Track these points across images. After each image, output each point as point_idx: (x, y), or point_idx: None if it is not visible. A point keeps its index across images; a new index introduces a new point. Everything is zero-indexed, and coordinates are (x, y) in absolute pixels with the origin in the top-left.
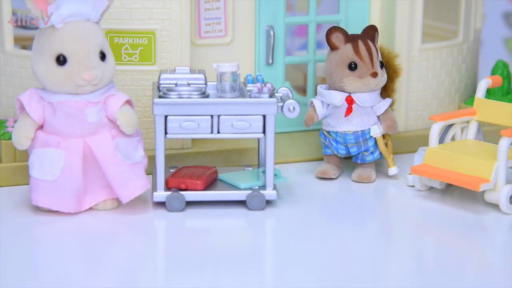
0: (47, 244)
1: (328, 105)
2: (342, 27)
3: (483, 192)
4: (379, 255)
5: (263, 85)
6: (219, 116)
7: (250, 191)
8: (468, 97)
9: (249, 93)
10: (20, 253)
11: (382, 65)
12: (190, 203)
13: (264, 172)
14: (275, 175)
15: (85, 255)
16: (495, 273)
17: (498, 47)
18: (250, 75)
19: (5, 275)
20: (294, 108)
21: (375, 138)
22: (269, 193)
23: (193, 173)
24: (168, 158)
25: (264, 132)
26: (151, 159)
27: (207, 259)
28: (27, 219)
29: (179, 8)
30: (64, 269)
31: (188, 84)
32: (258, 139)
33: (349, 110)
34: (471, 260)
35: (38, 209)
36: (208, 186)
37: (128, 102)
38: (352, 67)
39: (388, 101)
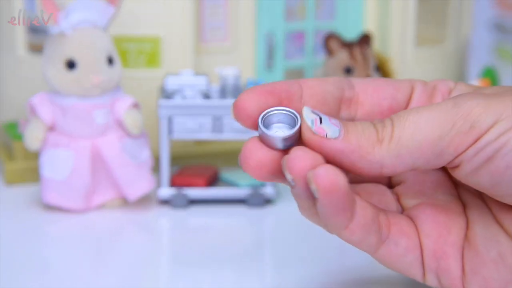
0: (56, 240)
1: None
2: (338, 34)
3: None
4: None
5: None
6: (221, 117)
7: (250, 190)
8: None
9: None
10: (31, 249)
11: (376, 69)
12: (193, 201)
13: None
14: None
15: (93, 251)
16: None
17: (487, 54)
18: (251, 79)
19: (16, 271)
20: None
21: None
22: (269, 191)
23: (196, 172)
24: (172, 158)
25: None
26: (156, 159)
27: (209, 256)
28: (38, 217)
29: (183, 14)
30: (72, 264)
31: (192, 87)
32: None
33: None
34: None
35: (48, 207)
36: (210, 185)
37: (135, 104)
38: (348, 71)
39: None
